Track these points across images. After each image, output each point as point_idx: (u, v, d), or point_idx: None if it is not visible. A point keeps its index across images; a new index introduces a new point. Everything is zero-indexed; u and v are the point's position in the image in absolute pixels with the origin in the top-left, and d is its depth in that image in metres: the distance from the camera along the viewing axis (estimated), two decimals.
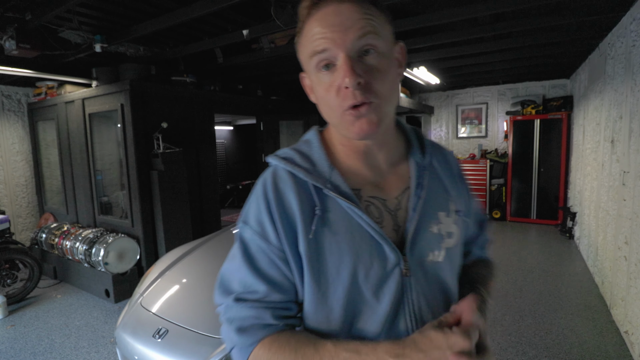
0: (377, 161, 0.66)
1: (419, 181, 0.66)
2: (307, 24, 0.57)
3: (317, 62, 0.56)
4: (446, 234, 0.66)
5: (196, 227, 4.13)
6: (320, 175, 0.62)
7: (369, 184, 0.65)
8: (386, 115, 0.58)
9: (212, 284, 2.01)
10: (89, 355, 2.59)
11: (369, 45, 0.55)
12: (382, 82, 0.56)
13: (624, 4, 2.53)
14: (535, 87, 6.14)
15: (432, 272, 0.64)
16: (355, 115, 0.55)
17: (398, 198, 0.65)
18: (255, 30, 2.89)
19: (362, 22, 0.54)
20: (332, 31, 0.54)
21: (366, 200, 0.64)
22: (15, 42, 2.66)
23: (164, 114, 3.78)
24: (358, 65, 0.54)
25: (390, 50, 0.59)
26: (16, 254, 3.49)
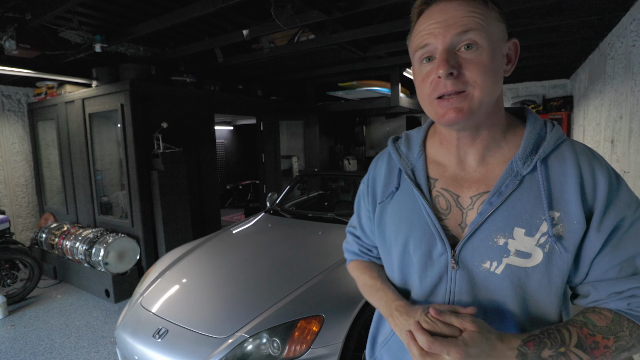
0: (466, 155, 0.67)
1: (499, 188, 0.63)
2: (417, 23, 0.63)
3: (421, 55, 0.62)
4: (515, 251, 0.61)
5: (196, 227, 4.13)
6: (408, 159, 0.74)
7: (448, 176, 0.69)
8: (480, 105, 0.59)
9: (212, 284, 2.02)
10: (89, 355, 2.59)
11: (470, 40, 0.57)
12: (480, 74, 0.57)
13: (624, 4, 2.53)
14: (535, 87, 6.14)
15: (483, 281, 0.64)
16: (442, 105, 0.60)
17: (473, 198, 0.66)
18: (255, 30, 2.90)
19: (465, 19, 0.57)
20: (436, 27, 0.59)
21: (437, 191, 0.69)
22: (15, 42, 2.66)
23: (164, 114, 3.78)
24: (455, 58, 0.58)
25: (497, 46, 0.60)
26: (16, 254, 3.48)
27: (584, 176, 0.60)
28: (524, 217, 0.61)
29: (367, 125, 7.57)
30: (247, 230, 2.81)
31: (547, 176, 0.61)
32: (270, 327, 1.63)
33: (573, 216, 0.59)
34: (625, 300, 0.59)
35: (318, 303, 1.74)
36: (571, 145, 0.64)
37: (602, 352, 0.57)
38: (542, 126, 0.66)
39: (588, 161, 0.61)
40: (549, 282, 0.61)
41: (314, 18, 2.57)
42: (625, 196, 0.60)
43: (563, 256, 0.60)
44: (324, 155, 6.00)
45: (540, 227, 0.60)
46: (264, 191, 5.44)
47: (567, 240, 0.59)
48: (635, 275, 0.59)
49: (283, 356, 1.56)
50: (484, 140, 0.65)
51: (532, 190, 0.61)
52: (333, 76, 5.13)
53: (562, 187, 0.60)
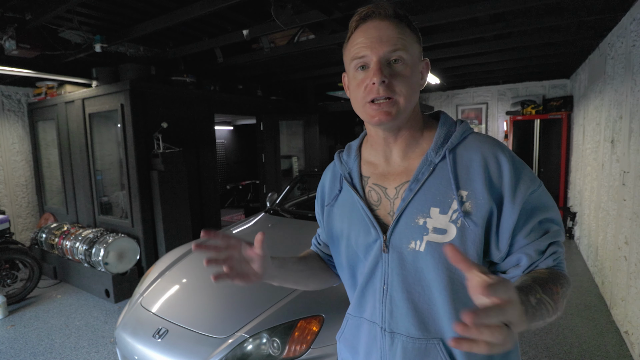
0: (391, 153, 0.78)
1: (417, 176, 0.73)
2: (354, 34, 0.73)
3: (356, 64, 0.71)
4: (433, 228, 0.70)
5: (196, 227, 4.12)
6: (347, 164, 0.85)
7: (378, 173, 0.80)
8: (403, 111, 0.71)
9: (212, 284, 2.02)
10: (89, 355, 2.60)
11: (398, 56, 0.69)
12: (403, 84, 0.69)
13: (624, 4, 2.53)
14: (535, 87, 6.14)
15: (411, 260, 0.72)
16: (374, 108, 0.70)
17: (397, 188, 0.76)
18: (255, 30, 2.90)
19: (394, 39, 0.69)
20: (372, 42, 0.69)
21: (370, 186, 0.80)
22: (15, 42, 2.66)
23: (164, 114, 3.78)
24: (386, 69, 0.69)
25: (415, 63, 0.72)
26: (16, 254, 3.48)
27: (487, 160, 0.70)
28: (438, 198, 0.70)
29: None
30: (247, 230, 2.81)
31: (455, 162, 0.72)
32: (270, 327, 1.63)
33: (479, 193, 0.68)
34: (550, 258, 0.69)
35: (318, 303, 1.74)
36: (477, 136, 0.75)
37: (557, 297, 0.62)
38: (452, 124, 0.77)
39: (490, 147, 0.71)
40: (466, 254, 0.64)
41: (314, 18, 2.57)
42: (529, 173, 0.71)
43: (473, 229, 0.68)
44: (324, 155, 6.00)
45: (451, 205, 0.69)
46: (264, 191, 5.44)
47: (475, 214, 0.68)
48: (547, 233, 0.69)
49: (283, 356, 1.56)
50: (405, 138, 0.76)
51: (443, 175, 0.71)
52: (333, 76, 5.13)
53: (468, 170, 0.70)
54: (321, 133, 5.85)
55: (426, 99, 7.11)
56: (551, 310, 0.60)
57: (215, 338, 1.63)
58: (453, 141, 0.73)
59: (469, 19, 2.91)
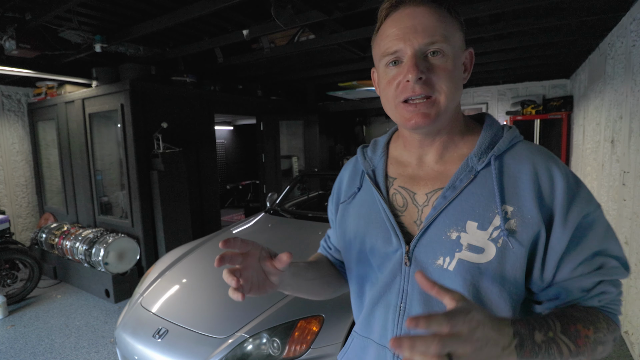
0: (425, 155, 0.69)
1: (453, 183, 0.64)
2: (384, 24, 0.64)
3: (388, 60, 0.62)
4: (468, 245, 0.60)
5: (196, 227, 4.12)
6: (371, 161, 0.76)
7: (406, 175, 0.71)
8: (444, 110, 0.61)
9: (212, 284, 2.02)
10: (89, 355, 2.59)
11: (437, 48, 0.59)
12: (444, 80, 0.60)
13: (624, 4, 2.53)
14: (535, 87, 6.14)
15: (435, 278, 0.62)
16: (409, 109, 0.61)
17: (428, 195, 0.67)
18: (255, 30, 2.89)
19: (432, 28, 0.59)
20: (405, 32, 0.60)
21: (395, 189, 0.71)
22: (15, 42, 2.66)
23: (164, 114, 3.78)
24: (423, 64, 0.59)
25: (458, 55, 0.63)
26: (16, 254, 3.48)
27: (539, 173, 0.60)
28: (477, 211, 0.61)
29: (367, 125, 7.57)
30: (247, 230, 2.81)
31: (501, 171, 0.62)
32: (270, 327, 1.63)
33: (526, 211, 0.59)
34: (596, 298, 0.59)
35: (318, 303, 1.74)
36: (527, 145, 0.65)
37: (584, 341, 0.54)
38: (499, 128, 0.67)
39: (544, 160, 0.61)
40: (502, 279, 0.59)
41: (314, 18, 2.57)
42: (585, 194, 0.60)
43: (516, 251, 0.58)
44: (324, 155, 6.00)
45: (493, 221, 0.60)
46: (264, 191, 5.44)
47: (520, 234, 0.58)
48: (600, 269, 0.58)
49: (283, 356, 1.56)
50: (443, 141, 0.67)
51: (486, 184, 0.62)
52: (333, 76, 5.13)
53: (515, 182, 0.61)
54: (321, 133, 5.85)
55: None
56: (567, 353, 0.52)
57: (215, 338, 1.63)
58: (500, 147, 0.63)
59: (469, 19, 2.90)
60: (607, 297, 0.59)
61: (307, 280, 0.75)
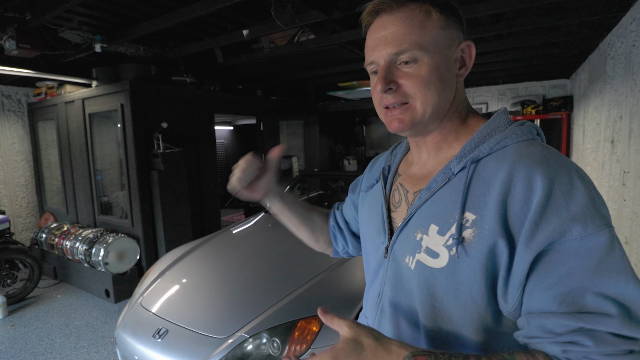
0: (422, 155, 0.71)
1: (430, 184, 0.63)
2: (367, 34, 0.66)
3: (370, 69, 0.66)
4: (426, 248, 0.60)
5: (196, 227, 4.12)
6: (395, 157, 0.80)
7: (408, 173, 0.74)
8: (422, 116, 0.62)
9: (212, 284, 2.02)
10: (89, 355, 2.59)
11: (407, 57, 0.59)
12: (419, 87, 0.60)
13: (624, 4, 2.53)
14: (535, 87, 6.14)
15: (405, 275, 0.65)
16: (388, 115, 0.64)
17: (415, 194, 0.69)
18: (255, 30, 2.90)
19: (402, 37, 0.59)
20: (377, 44, 0.61)
21: (395, 185, 0.74)
22: (15, 42, 2.66)
23: (164, 114, 3.78)
24: (393, 73, 0.61)
25: (441, 55, 0.61)
26: (16, 254, 3.48)
27: (514, 179, 0.52)
28: (441, 215, 0.59)
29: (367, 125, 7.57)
30: (247, 230, 2.81)
31: (474, 176, 0.57)
32: (270, 327, 1.63)
33: (487, 221, 0.53)
34: (561, 346, 0.47)
35: (318, 303, 1.74)
36: (524, 147, 0.56)
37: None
38: (499, 126, 0.61)
39: (528, 164, 0.53)
40: (457, 290, 0.56)
41: (314, 18, 2.57)
42: (578, 207, 0.48)
43: (467, 264, 0.54)
44: (324, 155, 6.00)
45: (451, 227, 0.57)
46: None
47: (473, 246, 0.53)
48: (583, 313, 0.46)
49: (283, 356, 1.56)
50: (435, 141, 0.67)
51: (457, 189, 0.58)
52: (333, 76, 5.13)
53: (487, 189, 0.55)
54: (321, 133, 5.85)
55: None
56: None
57: (215, 338, 1.63)
58: (483, 149, 0.59)
59: (469, 19, 2.90)
60: (577, 349, 0.46)
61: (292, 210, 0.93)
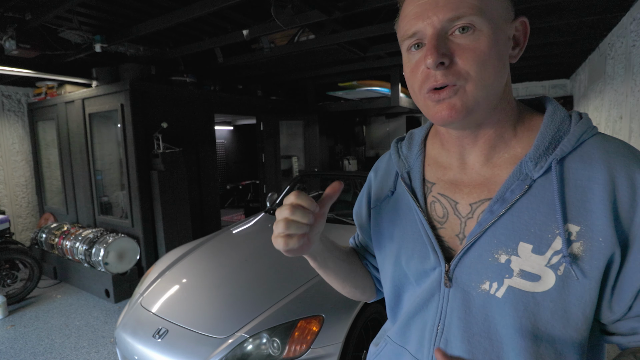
0: (468, 156, 0.58)
1: (503, 194, 0.52)
2: (404, 4, 0.54)
3: (408, 44, 0.53)
4: (520, 271, 0.50)
5: (196, 227, 4.12)
6: (407, 161, 0.66)
7: (447, 180, 0.60)
8: (478, 102, 0.50)
9: (212, 284, 2.02)
10: (89, 355, 2.59)
11: (465, 24, 0.48)
12: (475, 64, 0.48)
13: (624, 4, 2.53)
14: (535, 87, 6.14)
15: (480, 304, 0.53)
16: (434, 100, 0.51)
17: (472, 205, 0.56)
18: (255, 30, 2.90)
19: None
20: (424, 9, 0.49)
21: (434, 196, 0.60)
22: (15, 42, 2.66)
23: (164, 114, 3.78)
24: (446, 45, 0.49)
25: (499, 28, 0.50)
26: (16, 254, 3.48)
27: (616, 181, 0.47)
28: (532, 230, 0.50)
29: (367, 125, 7.57)
30: (247, 230, 2.81)
31: (564, 180, 0.50)
32: (270, 327, 1.63)
33: (597, 232, 0.47)
34: None
35: (318, 303, 1.74)
36: (603, 141, 0.50)
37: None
38: (565, 118, 0.53)
39: (625, 163, 0.48)
40: (565, 314, 0.49)
41: (314, 18, 2.57)
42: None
43: (582, 282, 0.47)
44: (324, 155, 6.00)
45: (552, 244, 0.48)
46: (264, 191, 5.44)
47: (587, 262, 0.47)
48: None
49: (283, 356, 1.56)
50: (490, 139, 0.55)
51: (544, 197, 0.50)
52: (333, 76, 5.13)
53: (584, 194, 0.48)
54: (321, 133, 5.85)
55: None
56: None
57: (215, 338, 1.63)
58: (564, 148, 0.50)
59: None
60: None
61: (335, 257, 0.69)
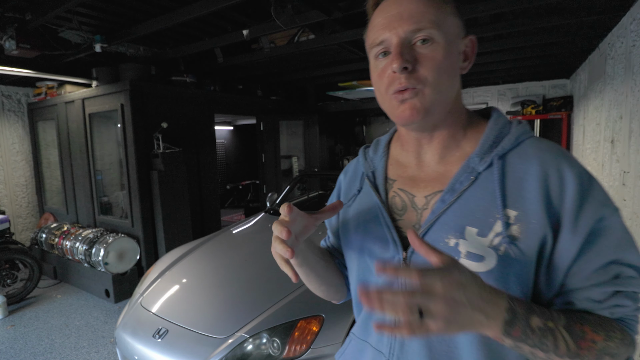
0: (425, 154, 0.66)
1: (453, 185, 0.60)
2: (372, 16, 0.62)
3: (376, 52, 0.60)
4: (467, 253, 0.56)
5: (196, 227, 4.12)
6: (372, 162, 0.74)
7: (406, 177, 0.68)
8: (434, 104, 0.58)
9: (212, 284, 2.02)
10: (89, 355, 2.59)
11: (425, 35, 0.56)
12: (433, 70, 0.56)
13: (624, 4, 2.53)
14: (535, 87, 6.14)
15: None
16: (398, 100, 0.58)
17: (427, 198, 0.63)
18: (255, 30, 2.90)
19: (420, 14, 0.56)
20: (390, 20, 0.57)
21: (394, 191, 0.68)
22: (15, 42, 2.66)
23: (164, 114, 3.78)
24: (409, 53, 0.56)
25: (452, 42, 0.58)
26: (16, 254, 3.48)
27: (548, 172, 0.55)
28: (477, 216, 0.57)
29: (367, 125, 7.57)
30: (247, 230, 2.81)
31: (504, 172, 0.58)
32: (270, 327, 1.63)
33: (532, 215, 0.54)
34: (608, 310, 0.54)
35: (318, 303, 1.74)
36: (536, 141, 0.60)
37: (588, 345, 0.50)
38: (506, 123, 0.63)
39: (554, 158, 0.56)
40: (507, 290, 0.54)
41: (314, 18, 2.57)
42: (601, 195, 0.55)
43: (520, 260, 0.54)
44: (324, 155, 6.00)
45: (493, 227, 0.56)
46: (264, 191, 5.44)
47: (523, 242, 0.54)
48: (616, 279, 0.53)
49: (283, 356, 1.56)
50: (443, 139, 0.64)
51: (487, 187, 0.57)
52: (333, 76, 5.13)
53: (521, 184, 0.56)
54: (321, 133, 5.85)
55: None
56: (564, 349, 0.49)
57: (215, 338, 1.63)
58: (505, 146, 0.59)
59: (469, 19, 2.90)
60: (622, 310, 0.54)
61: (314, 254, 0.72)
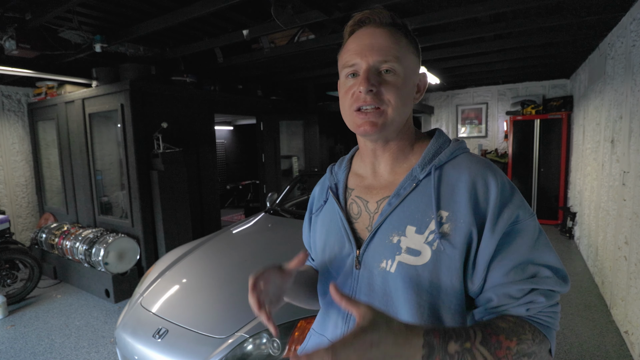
0: (379, 166, 0.76)
1: (398, 191, 0.70)
2: (348, 41, 0.72)
3: (347, 72, 0.70)
4: (406, 248, 0.65)
5: (196, 227, 4.12)
6: (335, 175, 0.84)
7: (363, 186, 0.77)
8: (390, 122, 0.68)
9: (212, 284, 2.02)
10: (89, 355, 2.60)
11: (389, 67, 0.67)
12: (393, 94, 0.67)
13: (624, 4, 2.53)
14: (535, 87, 6.14)
15: (380, 280, 0.68)
16: (360, 117, 0.68)
17: (378, 202, 0.73)
18: (255, 30, 2.90)
19: (387, 49, 0.67)
20: (363, 49, 0.67)
21: (352, 199, 0.78)
22: (15, 42, 2.66)
23: (164, 114, 3.78)
24: (375, 78, 0.66)
25: (409, 75, 0.69)
26: (16, 254, 3.48)
27: (476, 180, 0.65)
28: (416, 216, 0.66)
29: None
30: (247, 230, 2.81)
31: (440, 180, 0.67)
32: None
33: (460, 216, 0.63)
34: (524, 306, 0.61)
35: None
36: (468, 156, 0.70)
37: (504, 352, 0.56)
38: (446, 141, 0.73)
39: (481, 168, 0.66)
40: (439, 281, 0.63)
41: (314, 18, 2.57)
42: (518, 201, 0.64)
43: (449, 254, 0.62)
44: (324, 155, 6.00)
45: (429, 225, 0.64)
46: (264, 191, 5.44)
47: (453, 238, 0.62)
48: (532, 278, 0.61)
49: (283, 356, 1.56)
50: (394, 152, 0.73)
51: (426, 192, 0.67)
52: (333, 76, 5.13)
53: (453, 189, 0.65)
54: (321, 133, 5.85)
55: (426, 99, 7.12)
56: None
57: (215, 338, 1.63)
58: (441, 158, 0.70)
59: (469, 19, 2.91)
60: (537, 306, 0.61)
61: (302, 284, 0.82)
